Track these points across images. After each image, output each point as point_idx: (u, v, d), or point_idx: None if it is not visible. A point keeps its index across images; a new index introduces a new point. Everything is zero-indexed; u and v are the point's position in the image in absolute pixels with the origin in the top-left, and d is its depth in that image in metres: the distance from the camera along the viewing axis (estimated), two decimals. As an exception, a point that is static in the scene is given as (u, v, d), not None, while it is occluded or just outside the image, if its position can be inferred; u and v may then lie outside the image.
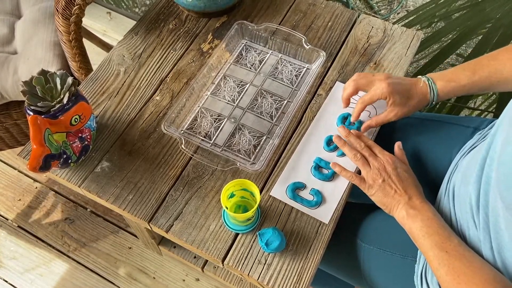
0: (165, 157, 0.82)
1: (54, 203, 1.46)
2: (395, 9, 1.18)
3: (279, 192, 0.78)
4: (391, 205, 0.71)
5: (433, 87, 0.77)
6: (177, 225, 0.76)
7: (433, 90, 0.77)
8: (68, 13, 0.96)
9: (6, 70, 1.09)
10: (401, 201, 0.70)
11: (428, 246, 0.64)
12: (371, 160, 0.74)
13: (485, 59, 0.75)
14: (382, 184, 0.72)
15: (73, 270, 1.35)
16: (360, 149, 0.76)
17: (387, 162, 0.73)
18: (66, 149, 0.74)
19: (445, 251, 0.62)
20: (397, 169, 0.73)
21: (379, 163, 0.73)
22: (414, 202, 0.69)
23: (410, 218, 0.68)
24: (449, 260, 0.61)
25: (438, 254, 0.62)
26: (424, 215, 0.67)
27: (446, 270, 0.61)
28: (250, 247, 0.74)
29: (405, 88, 0.77)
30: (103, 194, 0.78)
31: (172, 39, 0.97)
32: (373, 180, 0.73)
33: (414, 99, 0.78)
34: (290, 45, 0.93)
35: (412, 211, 0.68)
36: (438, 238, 0.64)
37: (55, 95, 0.73)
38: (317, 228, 0.75)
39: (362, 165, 0.75)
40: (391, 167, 0.73)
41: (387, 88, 0.75)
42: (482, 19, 1.09)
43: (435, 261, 0.62)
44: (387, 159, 0.74)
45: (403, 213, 0.69)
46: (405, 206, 0.69)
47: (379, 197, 0.72)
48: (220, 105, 0.88)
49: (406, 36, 0.96)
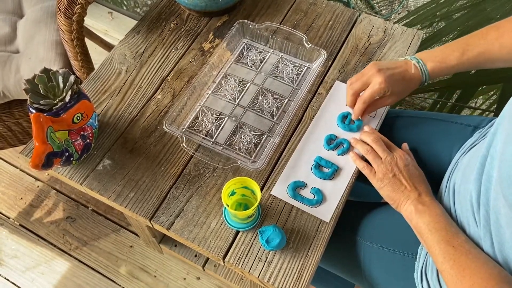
0: (166, 155, 0.83)
1: (55, 202, 1.46)
2: (396, 9, 1.18)
3: (279, 191, 0.79)
4: (400, 200, 0.71)
5: (424, 70, 0.77)
6: (178, 223, 0.76)
7: (424, 73, 0.77)
8: (70, 12, 0.96)
9: (8, 69, 1.10)
10: (411, 196, 0.70)
11: (434, 240, 0.64)
12: (384, 154, 0.75)
13: (474, 37, 0.75)
14: (393, 179, 0.72)
15: (74, 268, 1.36)
16: (371, 142, 0.77)
17: (400, 158, 0.74)
18: (68, 147, 0.75)
19: (451, 246, 0.62)
20: (409, 165, 0.74)
21: (391, 157, 0.74)
22: (424, 199, 0.70)
23: (418, 213, 0.68)
24: (455, 255, 0.61)
25: (444, 248, 0.62)
26: (433, 211, 0.68)
27: (452, 264, 0.61)
28: (251, 245, 0.74)
29: (399, 77, 0.77)
30: (105, 192, 0.79)
31: (173, 38, 0.98)
32: (383, 174, 0.73)
33: (408, 85, 0.78)
34: (291, 44, 0.93)
35: (421, 206, 0.69)
36: (445, 234, 0.64)
37: (57, 93, 0.74)
38: (317, 226, 0.76)
39: (373, 159, 0.75)
40: (403, 163, 0.73)
41: (384, 84, 0.76)
42: (483, 19, 1.09)
43: (440, 255, 0.63)
44: (400, 154, 0.75)
45: (411, 208, 0.69)
46: (414, 201, 0.70)
47: (388, 191, 0.73)
48: (221, 103, 0.88)
49: (407, 36, 0.97)
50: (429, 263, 0.71)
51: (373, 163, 0.75)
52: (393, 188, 0.72)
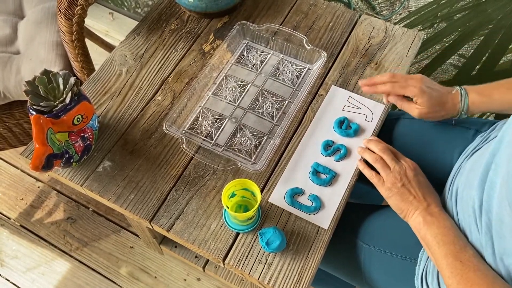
0: (166, 156, 0.83)
1: (56, 203, 1.46)
2: (397, 10, 1.18)
3: (277, 198, 0.78)
4: (408, 210, 0.70)
5: (464, 97, 0.75)
6: (178, 225, 0.76)
7: (464, 100, 0.76)
8: (71, 14, 0.96)
9: (8, 70, 1.10)
10: (419, 207, 0.69)
11: (442, 254, 0.63)
12: (393, 163, 0.74)
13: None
14: (402, 189, 0.71)
15: (75, 269, 1.36)
16: (379, 151, 0.76)
17: (409, 168, 0.73)
18: (69, 149, 0.75)
19: (459, 260, 0.61)
20: (418, 175, 0.72)
21: (400, 167, 0.73)
22: (433, 210, 0.69)
23: (427, 225, 0.67)
24: (462, 270, 0.60)
25: (452, 263, 0.61)
26: (441, 223, 0.67)
27: (459, 279, 0.60)
28: (251, 247, 0.74)
29: (437, 94, 0.76)
30: (105, 193, 0.79)
31: (174, 39, 0.98)
32: (392, 183, 0.72)
33: (443, 105, 0.77)
34: (291, 45, 0.93)
35: (430, 217, 0.67)
36: (453, 248, 0.63)
37: (57, 95, 0.74)
38: (317, 228, 0.76)
39: (382, 167, 0.74)
40: (413, 173, 0.72)
41: (419, 89, 0.75)
42: (484, 20, 1.09)
43: (447, 269, 0.62)
44: (409, 164, 0.73)
45: (419, 219, 0.68)
46: (422, 212, 0.68)
47: (396, 200, 0.71)
48: (221, 105, 0.88)
49: (407, 37, 0.96)
50: (430, 268, 0.71)
51: (382, 172, 0.74)
52: (402, 198, 0.71)
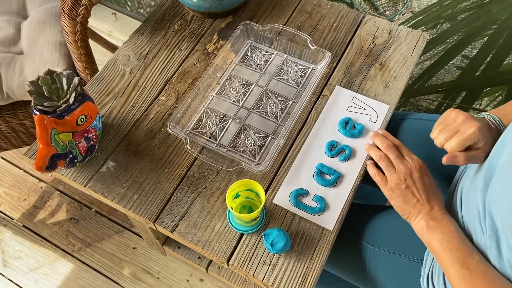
0: (170, 157, 0.82)
1: (59, 203, 1.46)
2: (400, 10, 1.18)
3: (281, 199, 0.78)
4: (410, 213, 0.69)
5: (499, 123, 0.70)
6: (182, 225, 0.76)
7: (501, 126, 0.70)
8: (74, 14, 0.96)
9: (12, 70, 1.10)
10: (422, 211, 0.68)
11: (449, 261, 0.62)
12: (398, 162, 0.71)
13: None
14: (405, 190, 0.69)
15: (77, 269, 1.36)
16: (384, 149, 0.73)
17: (415, 168, 0.70)
18: (72, 149, 0.74)
19: (467, 268, 0.60)
20: (424, 176, 0.70)
21: (405, 167, 0.70)
22: (436, 213, 0.67)
23: (430, 230, 0.66)
24: (471, 279, 0.59)
25: (459, 271, 0.60)
26: (445, 228, 0.65)
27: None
28: (255, 248, 0.74)
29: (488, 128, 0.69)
30: (109, 194, 0.78)
31: (177, 39, 0.97)
32: (395, 184, 0.70)
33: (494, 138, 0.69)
34: (295, 45, 0.92)
35: (433, 222, 0.66)
36: (459, 254, 0.62)
37: (61, 95, 0.73)
38: (322, 229, 0.75)
39: (386, 167, 0.72)
40: (418, 174, 0.69)
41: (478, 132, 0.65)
42: (488, 20, 1.09)
43: (455, 278, 0.61)
44: (415, 164, 0.70)
45: (422, 223, 0.67)
46: (425, 216, 0.67)
47: (398, 202, 0.70)
48: (225, 105, 0.88)
49: (412, 37, 0.96)
50: (436, 268, 0.70)
51: (386, 171, 0.72)
52: (405, 200, 0.69)
